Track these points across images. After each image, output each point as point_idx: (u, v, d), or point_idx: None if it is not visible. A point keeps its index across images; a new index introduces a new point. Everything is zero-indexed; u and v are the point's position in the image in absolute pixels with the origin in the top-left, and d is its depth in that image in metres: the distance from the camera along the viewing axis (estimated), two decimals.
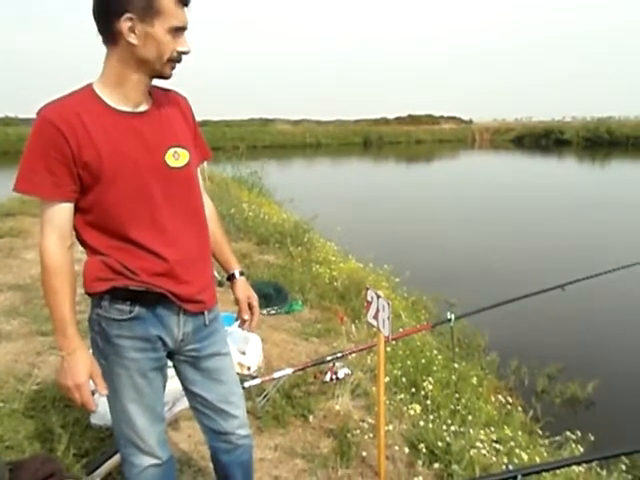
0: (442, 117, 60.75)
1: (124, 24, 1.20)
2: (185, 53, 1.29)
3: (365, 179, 20.49)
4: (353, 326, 3.67)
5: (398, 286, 5.49)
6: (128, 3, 1.19)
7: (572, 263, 6.97)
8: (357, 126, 52.19)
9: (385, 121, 56.94)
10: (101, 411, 2.28)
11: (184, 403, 2.36)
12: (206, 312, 1.44)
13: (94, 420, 2.33)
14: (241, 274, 1.60)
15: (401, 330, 3.22)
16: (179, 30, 1.25)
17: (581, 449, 2.66)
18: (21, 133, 30.71)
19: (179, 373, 1.50)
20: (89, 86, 1.27)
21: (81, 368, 1.26)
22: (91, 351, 1.37)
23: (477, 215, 11.75)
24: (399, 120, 57.67)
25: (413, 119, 57.55)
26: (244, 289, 1.59)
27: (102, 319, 1.32)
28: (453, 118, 61.37)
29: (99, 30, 1.25)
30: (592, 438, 2.86)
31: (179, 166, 1.33)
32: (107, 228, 1.28)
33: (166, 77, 1.32)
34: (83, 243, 1.32)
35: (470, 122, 60.69)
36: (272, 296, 4.03)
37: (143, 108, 1.31)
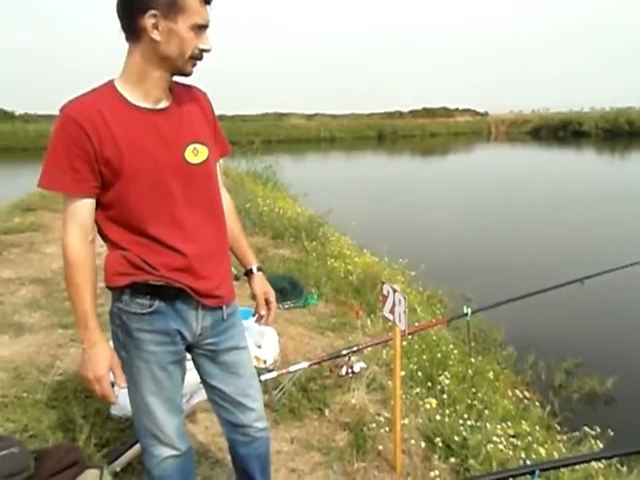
0: (457, 110, 60.22)
1: (148, 20, 1.21)
2: (207, 51, 1.29)
3: (380, 173, 20.41)
4: (368, 320, 3.67)
5: (413, 280, 5.47)
6: (153, 0, 1.20)
7: (592, 256, 6.86)
8: (371, 120, 52.01)
9: (399, 114, 56.66)
10: (121, 402, 2.32)
11: (201, 395, 2.39)
12: (224, 306, 1.45)
13: (114, 411, 2.37)
14: (259, 269, 1.61)
15: (417, 324, 3.22)
16: (202, 28, 1.26)
17: (600, 445, 2.62)
18: (40, 129, 31.27)
19: (198, 366, 1.52)
20: (110, 82, 1.29)
21: (101, 361, 1.29)
22: (112, 344, 1.40)
23: (493, 208, 11.65)
24: (414, 113, 57.32)
25: (428, 112, 57.15)
26: (262, 284, 1.60)
27: (123, 313, 1.34)
28: (468, 110, 60.79)
29: (122, 26, 1.26)
30: (612, 434, 2.82)
31: (198, 162, 1.34)
32: (128, 223, 1.30)
33: (187, 74, 1.32)
34: (104, 237, 1.34)
35: (486, 114, 60.04)
36: (287, 290, 4.05)
37: (163, 105, 1.32)
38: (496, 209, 11.50)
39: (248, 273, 1.61)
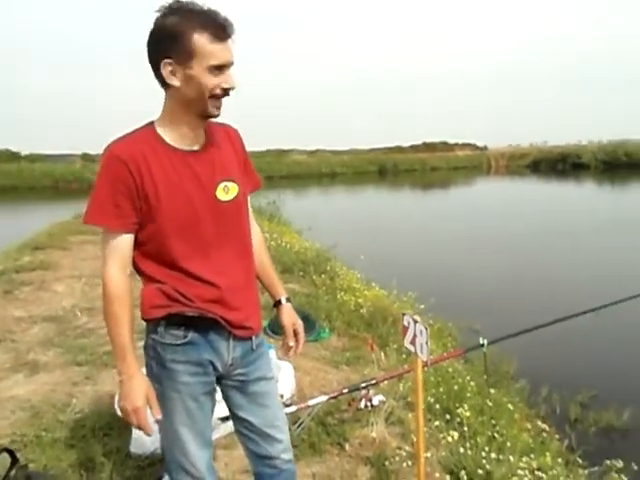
0: (457, 144, 60.95)
1: (165, 69, 1.28)
2: (230, 89, 1.31)
3: (383, 208, 20.55)
4: (382, 353, 3.66)
5: (423, 313, 5.45)
6: (167, 49, 1.26)
7: (602, 286, 6.84)
8: (371, 155, 52.59)
9: (399, 149, 57.34)
10: (140, 440, 2.32)
11: (223, 430, 2.39)
12: (253, 337, 1.49)
13: (133, 449, 2.35)
14: (287, 300, 1.64)
15: (431, 357, 3.20)
16: (220, 68, 1.27)
17: (625, 479, 2.58)
18: (46, 169, 31.82)
19: (227, 398, 1.53)
20: (151, 124, 1.36)
21: (139, 392, 1.30)
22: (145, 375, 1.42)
23: (499, 240, 11.67)
24: (414, 148, 58.02)
25: (428, 147, 57.89)
26: (291, 315, 1.63)
27: (157, 344, 1.38)
28: (468, 145, 61.51)
29: (154, 75, 1.33)
30: (635, 467, 2.78)
31: (229, 199, 1.40)
32: (162, 258, 1.34)
33: (211, 115, 1.34)
34: (139, 271, 1.38)
35: (485, 148, 60.67)
36: None
37: (197, 146, 1.38)
38: (502, 241, 11.52)
39: (277, 304, 1.64)
